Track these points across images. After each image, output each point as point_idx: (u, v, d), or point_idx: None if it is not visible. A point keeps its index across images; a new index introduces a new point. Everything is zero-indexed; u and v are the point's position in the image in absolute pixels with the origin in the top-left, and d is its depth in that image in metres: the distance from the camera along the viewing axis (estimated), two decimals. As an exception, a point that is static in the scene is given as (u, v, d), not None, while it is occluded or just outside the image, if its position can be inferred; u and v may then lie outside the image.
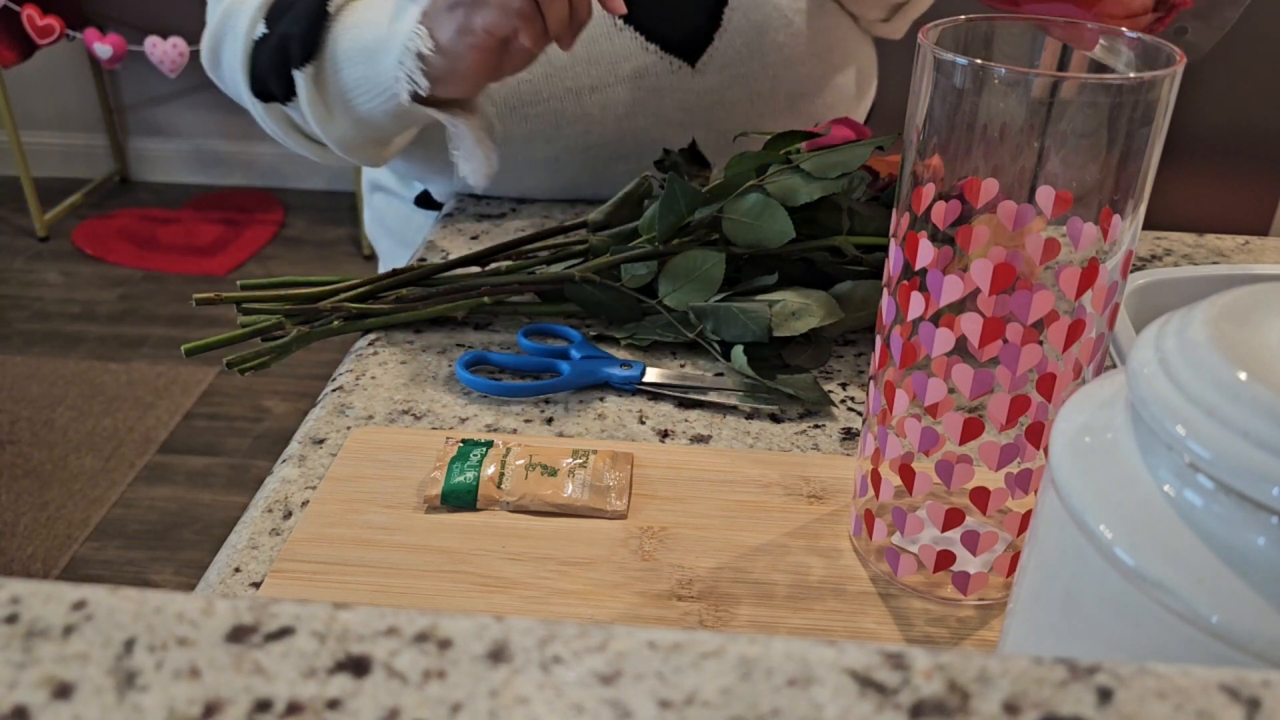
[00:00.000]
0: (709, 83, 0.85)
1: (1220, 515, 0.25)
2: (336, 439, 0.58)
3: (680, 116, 0.86)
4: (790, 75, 0.87)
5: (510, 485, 0.52)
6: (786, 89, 0.87)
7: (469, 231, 0.85)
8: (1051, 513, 0.29)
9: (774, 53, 0.85)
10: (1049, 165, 0.39)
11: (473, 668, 0.19)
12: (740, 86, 0.86)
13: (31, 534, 1.72)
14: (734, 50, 0.84)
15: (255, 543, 0.50)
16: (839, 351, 0.67)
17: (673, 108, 0.85)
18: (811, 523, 0.51)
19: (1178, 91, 0.38)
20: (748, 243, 0.66)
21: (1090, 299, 0.40)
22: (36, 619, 0.20)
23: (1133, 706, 0.18)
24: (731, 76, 0.85)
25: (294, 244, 2.77)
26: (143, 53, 2.59)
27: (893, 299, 0.44)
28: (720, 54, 0.84)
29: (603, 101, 0.84)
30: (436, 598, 0.47)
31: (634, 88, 0.84)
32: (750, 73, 0.85)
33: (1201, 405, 0.24)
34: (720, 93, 0.85)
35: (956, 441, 0.43)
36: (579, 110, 0.84)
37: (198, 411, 2.06)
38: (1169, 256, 0.82)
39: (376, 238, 1.05)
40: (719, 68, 0.84)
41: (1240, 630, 0.23)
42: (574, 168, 0.88)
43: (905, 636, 0.45)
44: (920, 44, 0.40)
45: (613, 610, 0.46)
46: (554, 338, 0.68)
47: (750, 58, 0.85)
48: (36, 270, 2.61)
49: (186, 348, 0.62)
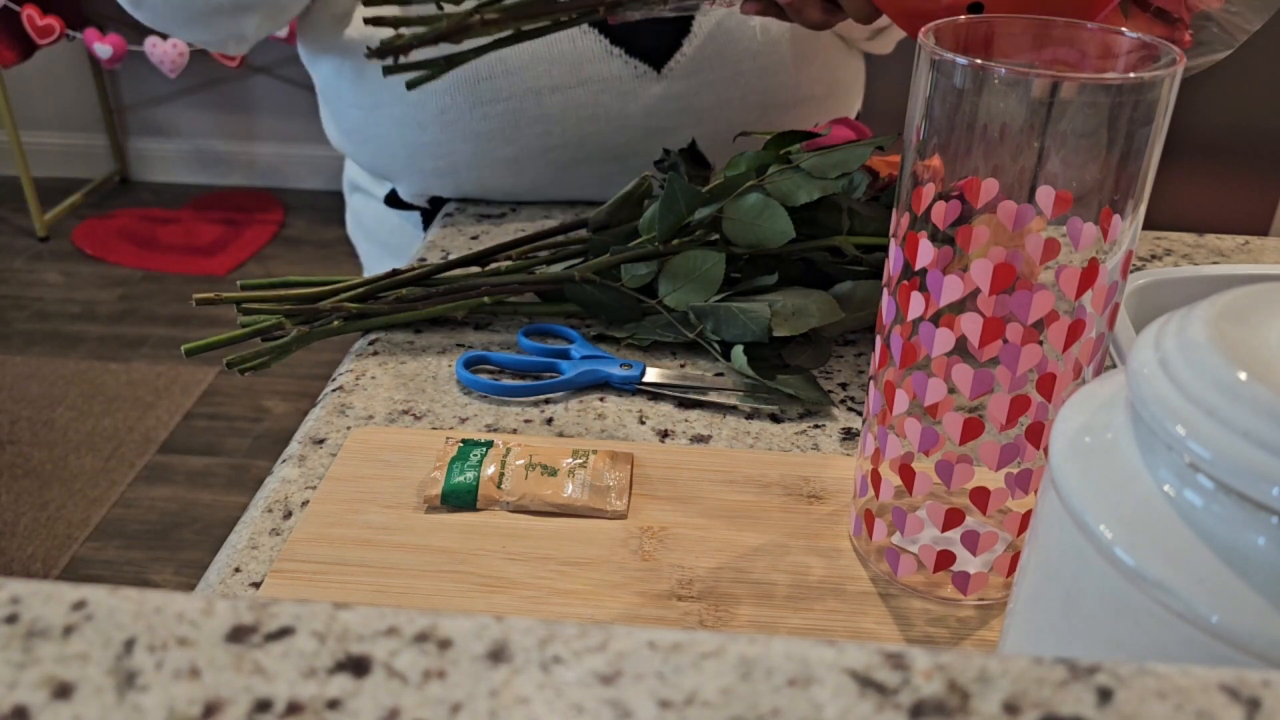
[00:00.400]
0: (675, 89, 0.84)
1: (1220, 515, 0.25)
2: (336, 439, 0.58)
3: (644, 122, 0.85)
4: (762, 84, 0.86)
5: (510, 485, 0.52)
6: (758, 98, 0.86)
7: (469, 231, 0.85)
8: (1051, 513, 0.29)
9: (746, 61, 0.84)
10: (1049, 165, 0.39)
11: (473, 668, 0.19)
12: (708, 94, 0.85)
13: (31, 534, 1.72)
14: (703, 57, 0.83)
15: (255, 543, 0.50)
16: (839, 351, 0.67)
17: (637, 112, 0.84)
18: (811, 523, 0.51)
19: (1178, 91, 0.38)
20: (748, 243, 0.66)
21: (1090, 299, 0.40)
22: (36, 619, 0.20)
23: (1133, 706, 0.18)
24: (700, 83, 0.84)
25: (294, 244, 2.77)
26: (143, 53, 2.59)
27: (893, 299, 0.44)
28: (688, 61, 0.83)
29: (563, 103, 0.83)
30: (436, 598, 0.47)
31: (597, 90, 0.83)
32: (719, 80, 0.84)
33: (1201, 405, 0.24)
34: (687, 99, 0.84)
35: (956, 441, 0.43)
36: (538, 110, 0.83)
37: (198, 411, 2.06)
38: (1169, 256, 0.82)
39: (356, 238, 1.05)
40: (686, 74, 0.83)
41: (1240, 630, 0.23)
42: (535, 169, 0.87)
43: (905, 636, 0.45)
44: (920, 44, 0.40)
45: (613, 610, 0.46)
46: (554, 338, 0.68)
47: (720, 65, 0.84)
48: (36, 270, 2.61)
49: (186, 348, 0.62)
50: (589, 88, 0.83)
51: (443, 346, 0.67)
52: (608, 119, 0.84)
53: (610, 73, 0.83)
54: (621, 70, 0.83)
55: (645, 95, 0.84)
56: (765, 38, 0.84)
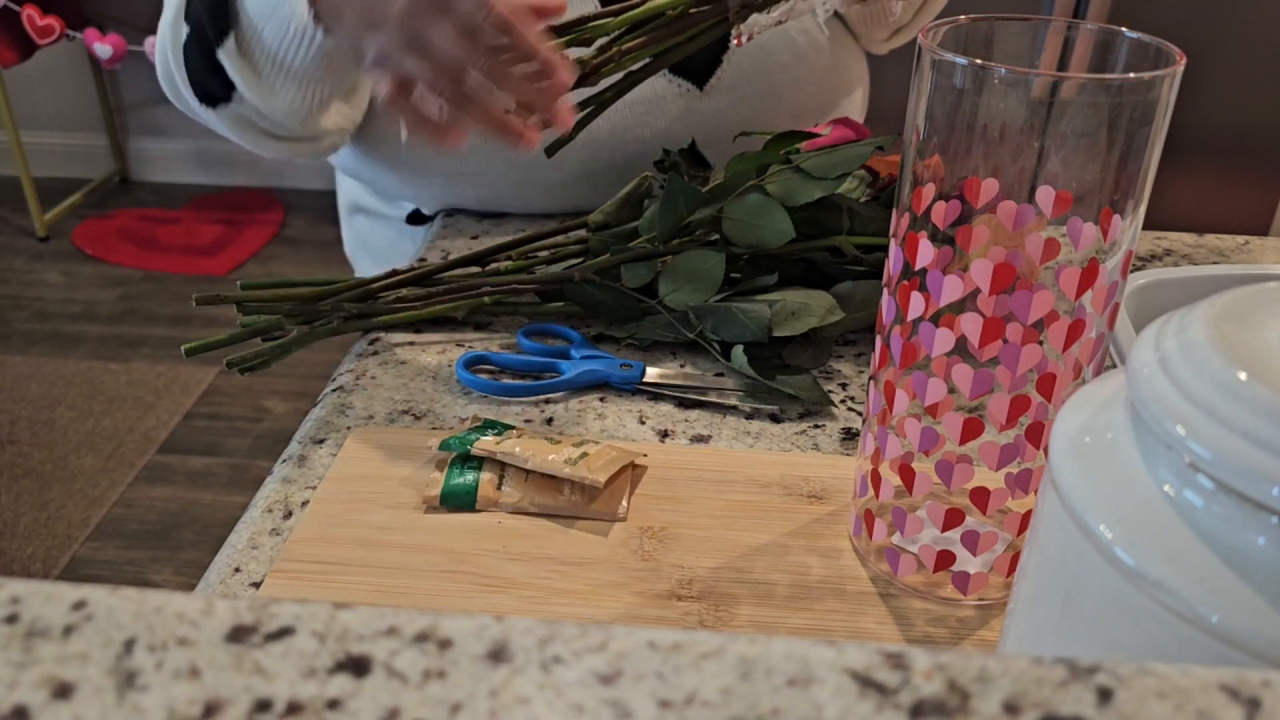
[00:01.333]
0: (714, 104, 0.84)
1: (1220, 515, 0.25)
2: (336, 439, 0.58)
3: (683, 136, 0.85)
4: (795, 96, 0.87)
5: (509, 486, 0.52)
6: (790, 109, 0.87)
7: (469, 231, 0.85)
8: (1051, 513, 0.29)
9: (779, 73, 0.85)
10: (1049, 165, 0.39)
11: (473, 668, 0.19)
12: (744, 107, 0.85)
13: (31, 534, 1.72)
14: (740, 72, 0.84)
15: (255, 543, 0.50)
16: (839, 351, 0.67)
17: (681, 131, 0.85)
18: (811, 523, 0.51)
19: (1178, 91, 0.38)
20: (748, 243, 0.66)
21: (1090, 299, 0.40)
22: (36, 619, 0.20)
23: (1133, 706, 0.18)
24: (737, 98, 0.85)
25: (294, 244, 2.77)
26: (143, 53, 2.59)
27: (893, 299, 0.44)
28: (728, 76, 0.84)
29: (610, 126, 0.83)
30: (436, 598, 0.47)
31: (643, 112, 0.83)
32: (755, 93, 0.85)
33: (1201, 405, 0.24)
34: (724, 114, 0.85)
35: (956, 441, 0.42)
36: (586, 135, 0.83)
37: (198, 411, 2.06)
38: (1169, 256, 0.82)
39: (358, 259, 1.03)
40: (725, 89, 0.84)
41: (1240, 630, 0.23)
42: (581, 191, 0.87)
43: (905, 636, 0.45)
44: (920, 44, 0.40)
45: (613, 610, 0.46)
46: (554, 338, 0.68)
47: (756, 78, 0.84)
48: (36, 270, 2.61)
49: (186, 348, 0.62)
50: (635, 109, 0.83)
51: (443, 346, 0.67)
52: (652, 139, 0.85)
53: (655, 93, 0.83)
54: (666, 90, 0.83)
55: (689, 113, 0.84)
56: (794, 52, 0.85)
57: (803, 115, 0.88)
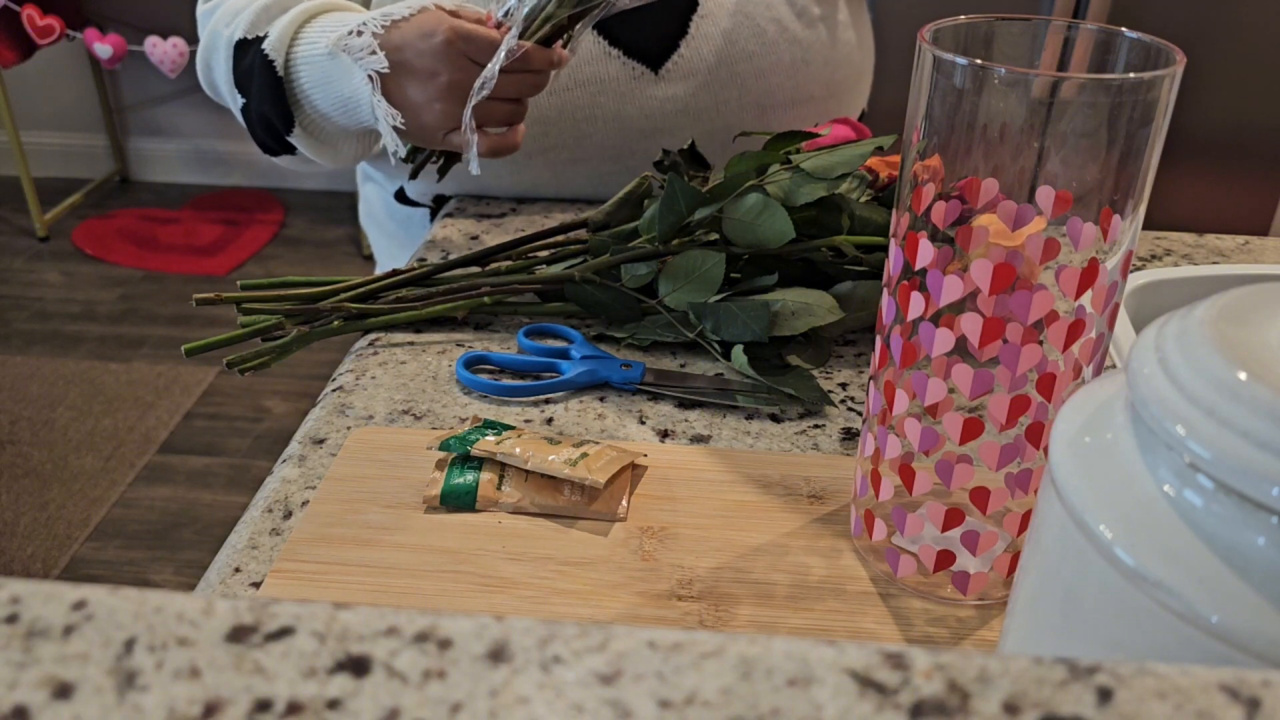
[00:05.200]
0: (673, 90, 0.84)
1: (1220, 515, 0.25)
2: (336, 439, 0.58)
3: (641, 123, 0.85)
4: (760, 85, 0.86)
5: (509, 486, 0.52)
6: (755, 99, 0.86)
7: (469, 231, 0.85)
8: (1051, 513, 0.29)
9: (743, 63, 0.84)
10: (1049, 165, 0.39)
11: (473, 668, 0.19)
12: (705, 95, 0.85)
13: (31, 534, 1.72)
14: (700, 58, 0.83)
15: (255, 543, 0.50)
16: (839, 351, 0.67)
17: (634, 114, 0.84)
18: (811, 523, 0.51)
19: (1178, 91, 0.38)
20: (748, 243, 0.66)
21: (1090, 299, 0.40)
22: (36, 619, 0.20)
23: (1133, 706, 0.18)
24: (697, 84, 0.84)
25: (294, 244, 2.77)
26: (143, 53, 2.59)
27: (893, 299, 0.44)
28: (686, 62, 0.83)
29: (560, 104, 0.84)
30: (436, 598, 0.47)
31: (594, 92, 0.84)
32: (717, 81, 0.84)
33: (1201, 405, 0.24)
34: (684, 100, 0.85)
35: (956, 441, 0.42)
36: (536, 112, 0.84)
37: (198, 411, 2.06)
38: (1169, 256, 0.82)
39: (367, 226, 1.07)
40: (683, 75, 0.84)
41: (1240, 630, 0.23)
42: (534, 169, 0.88)
43: (905, 636, 0.45)
44: (920, 44, 0.40)
45: (613, 610, 0.46)
46: (554, 338, 0.68)
47: (717, 66, 0.84)
48: (36, 270, 2.61)
49: (186, 348, 0.62)
50: (586, 89, 0.83)
51: (443, 346, 0.67)
52: (604, 120, 0.85)
53: (608, 74, 0.83)
54: (619, 71, 0.83)
55: (642, 96, 0.84)
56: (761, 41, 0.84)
57: (770, 107, 0.87)
